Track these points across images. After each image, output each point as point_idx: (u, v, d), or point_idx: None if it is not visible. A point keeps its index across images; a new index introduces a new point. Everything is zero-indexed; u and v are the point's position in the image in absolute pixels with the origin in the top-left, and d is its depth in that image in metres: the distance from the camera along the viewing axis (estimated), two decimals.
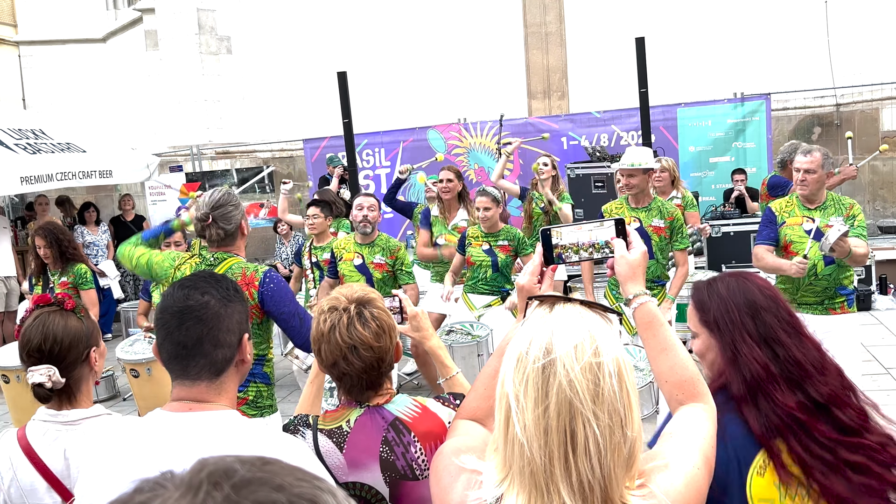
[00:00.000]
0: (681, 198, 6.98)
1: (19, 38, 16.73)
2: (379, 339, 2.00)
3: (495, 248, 5.78)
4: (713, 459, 1.46)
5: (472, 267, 5.87)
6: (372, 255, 5.40)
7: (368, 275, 5.39)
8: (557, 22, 12.80)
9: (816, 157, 4.56)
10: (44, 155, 8.12)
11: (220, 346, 1.76)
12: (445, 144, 10.85)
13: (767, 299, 1.96)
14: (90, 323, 2.31)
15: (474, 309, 5.87)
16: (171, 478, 0.64)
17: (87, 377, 2.26)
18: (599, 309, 1.34)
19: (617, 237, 1.70)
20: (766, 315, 1.94)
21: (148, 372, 5.36)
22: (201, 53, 13.46)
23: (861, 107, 11.10)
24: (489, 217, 5.73)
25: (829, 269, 4.52)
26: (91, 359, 2.26)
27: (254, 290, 3.45)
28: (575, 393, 1.22)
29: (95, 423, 2.17)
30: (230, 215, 3.54)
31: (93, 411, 2.20)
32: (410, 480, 1.98)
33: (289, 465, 0.68)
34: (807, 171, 4.54)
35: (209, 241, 3.56)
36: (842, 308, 4.61)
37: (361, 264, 5.41)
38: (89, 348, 2.26)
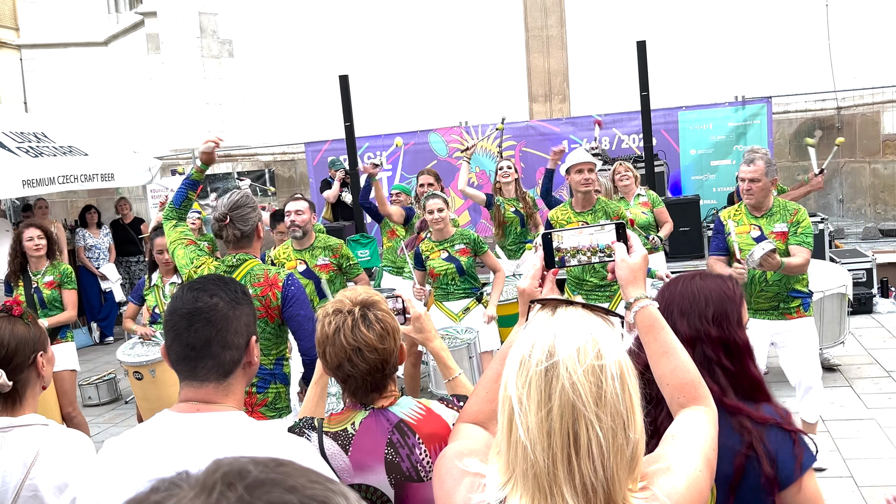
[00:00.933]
0: (646, 195, 7.08)
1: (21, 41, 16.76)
2: (383, 341, 2.01)
3: (454, 253, 5.71)
4: (714, 461, 1.47)
5: (437, 278, 5.78)
6: (314, 258, 5.30)
7: (316, 279, 5.28)
8: (559, 25, 12.82)
9: (759, 165, 4.59)
10: (46, 158, 8.13)
11: (229, 347, 1.78)
12: (447, 147, 10.86)
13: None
14: (37, 329, 2.33)
15: (453, 315, 5.83)
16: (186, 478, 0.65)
17: (33, 382, 2.27)
18: (601, 312, 1.35)
19: (618, 241, 1.71)
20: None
21: (152, 374, 5.36)
22: (203, 57, 13.48)
23: (862, 110, 11.11)
24: (443, 218, 5.63)
25: (777, 274, 4.56)
26: (38, 364, 2.28)
27: (277, 290, 3.51)
28: (578, 395, 1.22)
29: (26, 431, 2.15)
30: (247, 217, 3.59)
31: (23, 420, 2.19)
32: (415, 482, 1.99)
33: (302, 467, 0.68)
34: (751, 180, 4.59)
35: (226, 241, 3.61)
36: (798, 312, 4.66)
37: (306, 269, 5.28)
38: (35, 353, 2.27)
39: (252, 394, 3.54)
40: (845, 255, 8.70)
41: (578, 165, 5.29)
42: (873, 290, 8.34)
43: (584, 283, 5.33)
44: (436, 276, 5.78)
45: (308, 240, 5.34)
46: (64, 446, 2.12)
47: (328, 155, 11.06)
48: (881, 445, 5.01)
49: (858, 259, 8.45)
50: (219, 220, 3.55)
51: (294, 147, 12.70)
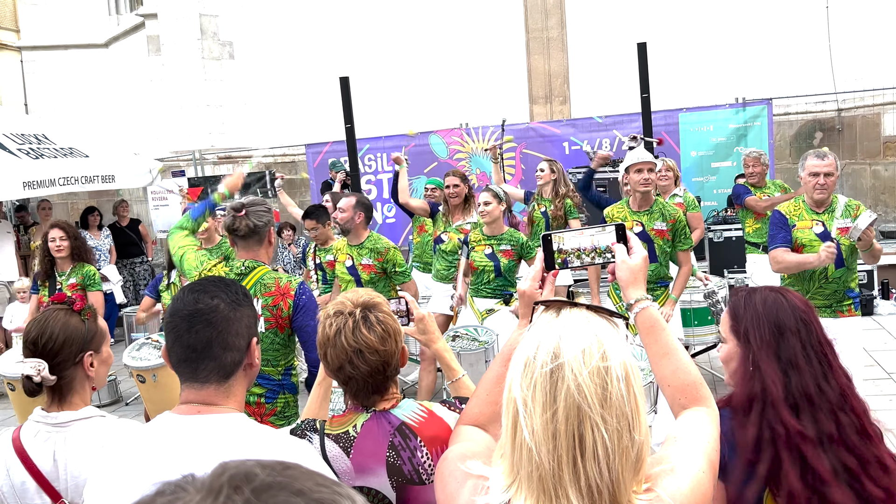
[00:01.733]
0: (682, 197, 7.00)
1: (22, 43, 16.76)
2: (384, 343, 2.01)
3: (498, 252, 5.71)
4: (717, 463, 1.47)
5: (475, 272, 5.82)
6: (360, 257, 5.38)
7: (357, 277, 5.38)
8: (559, 27, 12.82)
9: (832, 160, 4.60)
10: (46, 160, 8.14)
11: (229, 349, 1.78)
12: (447, 149, 10.86)
13: (798, 322, 1.96)
14: (94, 327, 2.28)
15: (478, 312, 5.86)
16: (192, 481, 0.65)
17: (80, 380, 2.23)
18: (606, 313, 1.35)
19: (618, 242, 1.70)
20: (791, 338, 1.94)
21: (154, 378, 5.35)
22: (203, 59, 13.49)
23: (862, 112, 11.11)
24: (489, 212, 5.62)
25: (839, 271, 4.55)
26: (85, 363, 2.23)
27: (290, 300, 3.51)
28: (583, 397, 1.22)
29: (86, 424, 2.16)
30: (261, 213, 3.62)
31: (82, 413, 2.18)
32: (417, 485, 1.98)
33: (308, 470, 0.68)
34: (826, 174, 4.56)
35: (236, 232, 3.61)
36: (849, 311, 4.66)
37: (351, 266, 5.40)
38: (84, 351, 2.23)
39: (261, 404, 3.55)
40: None
41: (638, 165, 5.26)
42: (874, 292, 8.34)
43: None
44: (474, 269, 5.81)
45: (358, 237, 5.43)
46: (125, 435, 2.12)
47: (329, 157, 11.05)
48: None
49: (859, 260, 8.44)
50: (235, 209, 3.58)
51: (294, 149, 12.70)
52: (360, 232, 5.45)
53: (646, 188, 5.27)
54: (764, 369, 1.92)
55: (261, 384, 3.54)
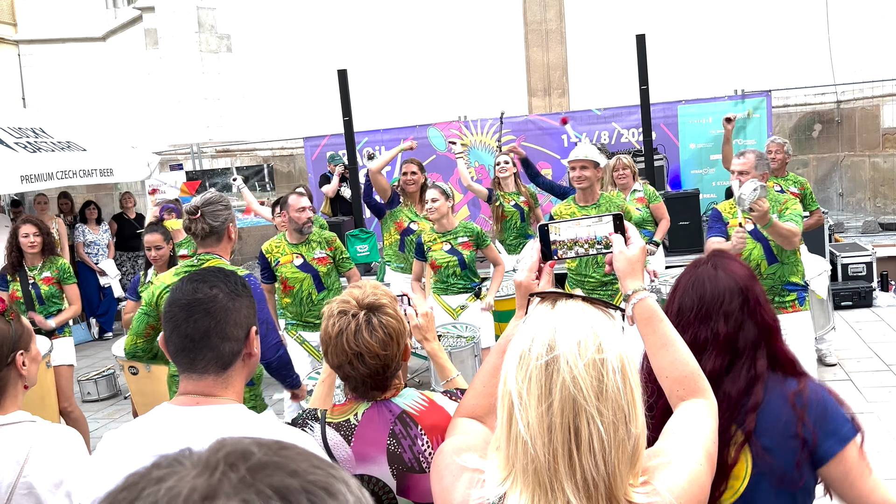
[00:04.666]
0: (642, 191, 6.98)
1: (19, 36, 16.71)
2: (385, 348, 1.99)
3: (456, 245, 5.69)
4: (715, 455, 1.45)
5: (438, 270, 5.75)
6: (311, 252, 5.34)
7: (314, 272, 5.32)
8: (558, 19, 12.79)
9: (749, 158, 4.70)
10: (44, 154, 8.11)
11: (228, 339, 1.77)
12: (446, 142, 10.84)
13: None
14: (20, 327, 2.27)
15: (451, 310, 5.83)
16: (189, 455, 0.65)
17: (13, 381, 2.22)
18: (602, 305, 1.34)
19: (615, 232, 1.69)
20: None
21: (147, 368, 5.33)
22: (201, 52, 13.45)
23: (862, 103, 11.09)
24: (437, 208, 5.60)
25: (773, 267, 4.61)
26: (17, 363, 2.22)
27: None
28: (579, 390, 1.21)
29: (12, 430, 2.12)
30: (218, 213, 3.62)
31: (10, 418, 2.15)
32: (417, 473, 1.99)
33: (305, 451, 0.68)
34: (741, 172, 4.66)
35: (194, 235, 3.64)
36: (793, 307, 4.69)
37: (303, 263, 5.32)
38: (14, 352, 2.21)
39: None
40: (845, 248, 8.70)
41: (572, 162, 5.28)
42: (873, 284, 8.34)
43: (586, 279, 5.31)
44: (436, 268, 5.76)
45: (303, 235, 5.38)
46: (55, 442, 2.10)
47: (327, 150, 11.03)
48: (881, 439, 5.01)
49: (858, 253, 8.45)
50: (189, 213, 3.60)
51: (293, 142, 12.68)
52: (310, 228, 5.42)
53: (579, 185, 5.28)
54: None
55: None
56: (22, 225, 5.90)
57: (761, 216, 4.29)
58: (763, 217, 4.29)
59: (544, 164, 10.47)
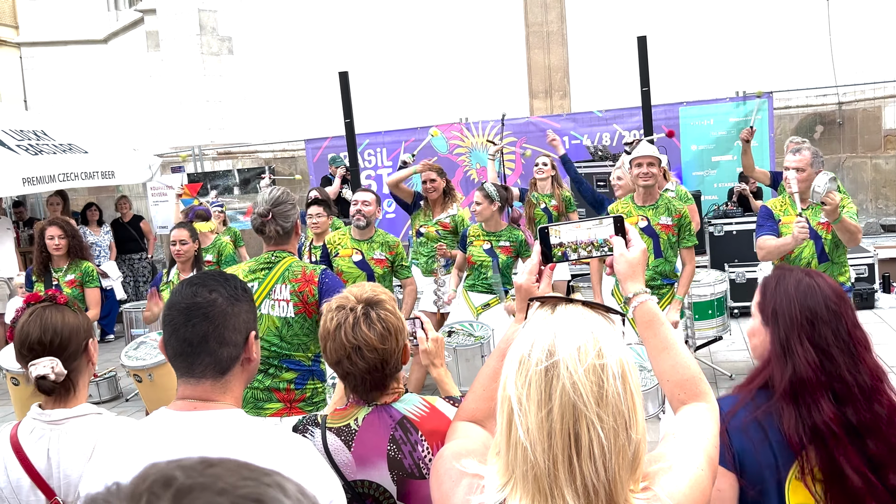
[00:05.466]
0: (674, 191, 6.95)
1: (21, 39, 16.73)
2: (384, 342, 2.00)
3: (496, 248, 5.74)
4: (717, 459, 1.45)
5: (472, 266, 5.83)
6: (371, 251, 5.39)
7: (370, 271, 5.36)
8: (559, 21, 12.78)
9: (806, 155, 4.58)
10: (46, 156, 8.12)
11: (226, 344, 1.77)
12: (447, 144, 10.83)
13: (830, 313, 1.95)
14: (84, 316, 2.32)
15: (473, 308, 5.85)
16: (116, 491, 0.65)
17: (85, 369, 2.27)
18: (602, 310, 1.33)
19: (616, 235, 1.68)
20: (823, 328, 1.93)
21: (150, 378, 5.34)
22: (203, 54, 13.45)
23: (863, 105, 11.08)
24: (480, 211, 5.67)
25: (823, 265, 4.54)
26: (90, 350, 2.27)
27: (314, 286, 3.57)
28: (579, 395, 1.20)
29: (81, 422, 2.16)
30: (288, 213, 3.65)
31: (77, 411, 2.18)
32: (417, 479, 1.99)
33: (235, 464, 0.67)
34: (797, 169, 4.55)
35: (267, 237, 3.65)
36: None
37: (361, 260, 5.36)
38: (87, 340, 2.26)
39: (291, 390, 3.61)
40: None
41: (638, 159, 5.20)
42: (875, 286, 8.32)
43: None
44: (471, 264, 5.84)
45: (369, 231, 5.43)
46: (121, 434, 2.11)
47: (328, 152, 11.03)
48: None
49: (860, 254, 8.44)
50: (262, 215, 3.61)
51: (294, 144, 12.68)
52: (372, 226, 5.48)
53: (646, 182, 5.20)
54: (798, 352, 1.90)
55: (292, 369, 3.61)
56: (48, 227, 5.89)
57: (832, 210, 4.22)
58: (834, 211, 4.23)
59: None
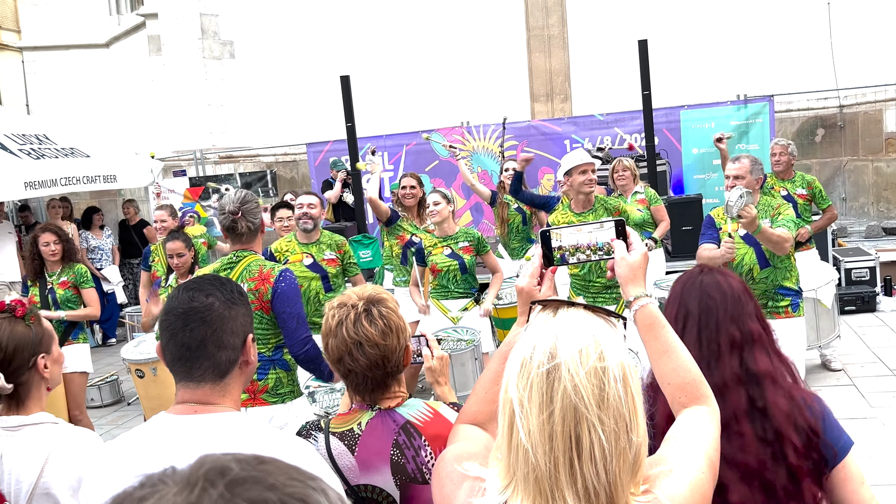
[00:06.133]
0: (644, 193, 7.03)
1: (23, 43, 16.77)
2: (385, 338, 2.01)
3: (457, 250, 5.71)
4: (717, 463, 1.45)
5: (438, 274, 5.76)
6: (321, 252, 5.39)
7: (323, 272, 5.36)
8: (560, 25, 12.80)
9: (744, 163, 4.70)
10: (48, 160, 8.13)
11: (224, 347, 1.77)
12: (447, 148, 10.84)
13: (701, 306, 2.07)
14: (40, 330, 2.29)
15: (449, 315, 5.82)
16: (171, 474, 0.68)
17: (36, 384, 2.25)
18: (603, 313, 1.33)
19: (617, 238, 1.69)
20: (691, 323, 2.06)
21: (153, 372, 5.35)
22: (204, 58, 13.48)
23: (864, 108, 11.09)
24: (439, 211, 5.65)
25: (765, 271, 4.62)
26: (39, 366, 2.24)
27: (269, 285, 3.71)
28: (580, 398, 1.21)
29: (35, 430, 2.15)
30: (255, 211, 3.85)
31: (33, 419, 2.18)
32: (420, 484, 1.99)
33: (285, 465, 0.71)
34: (735, 177, 4.67)
35: (237, 234, 3.82)
36: (786, 312, 4.70)
37: (313, 263, 5.35)
38: (36, 355, 2.24)
39: (253, 381, 3.70)
40: (848, 253, 8.69)
41: (583, 166, 5.21)
42: (876, 289, 8.32)
43: (590, 284, 5.28)
44: (437, 273, 5.77)
45: (315, 234, 5.43)
46: (75, 444, 2.12)
47: (330, 156, 11.03)
48: (885, 444, 4.99)
49: (861, 257, 8.43)
50: (233, 213, 3.77)
51: (296, 148, 12.70)
52: (318, 229, 5.50)
53: (590, 189, 5.25)
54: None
55: None
56: (42, 233, 5.96)
57: (749, 223, 4.31)
58: (751, 223, 4.31)
59: (547, 169, 10.48)
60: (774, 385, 1.98)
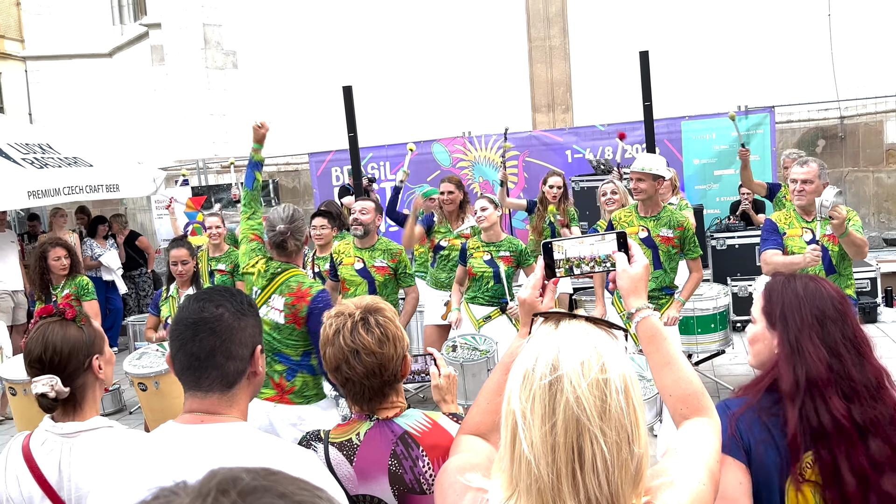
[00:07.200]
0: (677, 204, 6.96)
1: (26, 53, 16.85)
2: (381, 346, 2.03)
3: (497, 258, 5.71)
4: (718, 474, 1.46)
5: (473, 278, 5.81)
6: (373, 259, 5.42)
7: (370, 279, 5.39)
8: (561, 36, 12.84)
9: (813, 167, 4.59)
10: (51, 169, 8.16)
11: (233, 358, 1.79)
12: (450, 158, 10.87)
13: (837, 312, 2.00)
14: (91, 331, 2.30)
15: (474, 320, 5.84)
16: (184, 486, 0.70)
17: (91, 385, 2.25)
18: (605, 325, 1.35)
19: (619, 250, 1.70)
20: (831, 326, 1.98)
21: (155, 385, 5.35)
22: (207, 68, 13.53)
23: (865, 119, 11.11)
24: (487, 217, 5.66)
25: (831, 277, 4.51)
26: (94, 367, 2.25)
27: (304, 304, 3.91)
28: (582, 410, 1.22)
29: (93, 436, 2.16)
30: (302, 228, 4.09)
31: (90, 424, 2.19)
32: (418, 494, 2.00)
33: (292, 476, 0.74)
34: (804, 181, 4.57)
35: (286, 252, 4.05)
36: None
37: (363, 268, 5.39)
38: (90, 356, 2.24)
39: (283, 380, 3.98)
40: None
41: (631, 173, 5.34)
42: (877, 300, 8.32)
43: None
44: (472, 276, 5.81)
45: (370, 240, 5.49)
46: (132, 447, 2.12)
47: (332, 165, 11.08)
48: None
49: (862, 268, 8.44)
50: (283, 233, 3.98)
51: (298, 157, 12.74)
52: (374, 235, 5.53)
53: (637, 196, 5.33)
54: (809, 350, 1.93)
55: (281, 361, 4.00)
56: (52, 248, 6.04)
57: (839, 224, 4.25)
58: (841, 225, 4.25)
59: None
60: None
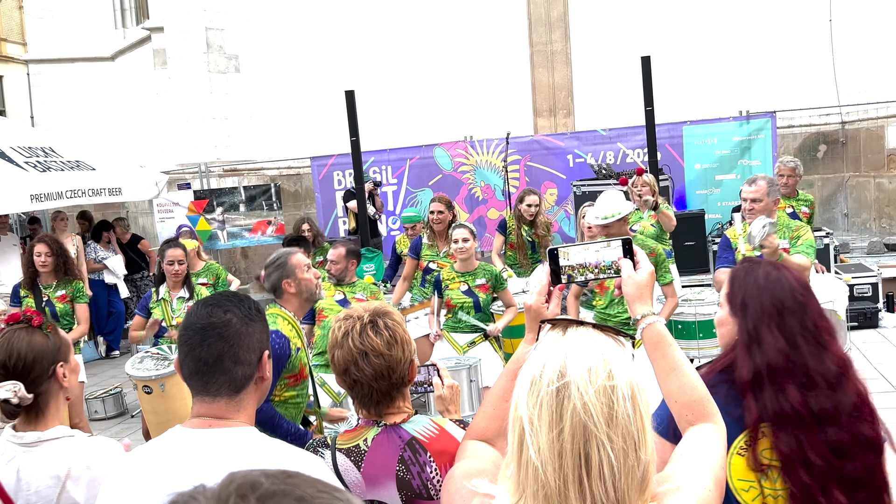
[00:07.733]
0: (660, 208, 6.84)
1: (28, 56, 16.87)
2: (390, 348, 2.04)
3: (474, 288, 5.68)
4: (724, 480, 1.47)
5: (452, 309, 5.76)
6: (353, 292, 5.55)
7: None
8: (563, 41, 12.87)
9: (761, 185, 4.69)
10: (53, 173, 8.17)
11: (241, 363, 1.80)
12: (452, 162, 10.89)
13: (796, 303, 2.03)
14: (57, 339, 2.30)
15: (458, 347, 5.80)
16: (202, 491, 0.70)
17: (55, 393, 2.25)
18: (612, 332, 1.35)
19: (624, 257, 1.71)
20: (789, 317, 2.01)
21: (161, 388, 5.36)
22: (209, 72, 13.54)
23: (866, 124, 11.12)
24: (467, 248, 5.61)
25: None
26: (58, 375, 2.25)
27: None
28: (589, 416, 1.22)
29: (53, 445, 2.15)
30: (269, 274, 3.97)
31: (51, 433, 2.18)
32: (426, 500, 2.01)
33: (310, 478, 0.74)
34: (753, 200, 4.67)
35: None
36: None
37: (343, 300, 5.50)
38: (55, 364, 2.24)
39: None
40: (850, 269, 8.69)
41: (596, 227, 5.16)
42: (878, 305, 8.32)
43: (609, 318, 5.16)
44: (451, 307, 5.75)
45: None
46: (95, 456, 2.13)
47: (334, 169, 11.11)
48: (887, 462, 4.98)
49: (863, 273, 8.44)
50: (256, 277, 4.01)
51: (300, 161, 12.75)
52: (351, 276, 5.67)
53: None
54: (768, 341, 1.98)
55: None
56: (36, 244, 6.10)
57: (771, 253, 4.33)
58: (773, 254, 4.33)
59: (550, 184, 10.52)
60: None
